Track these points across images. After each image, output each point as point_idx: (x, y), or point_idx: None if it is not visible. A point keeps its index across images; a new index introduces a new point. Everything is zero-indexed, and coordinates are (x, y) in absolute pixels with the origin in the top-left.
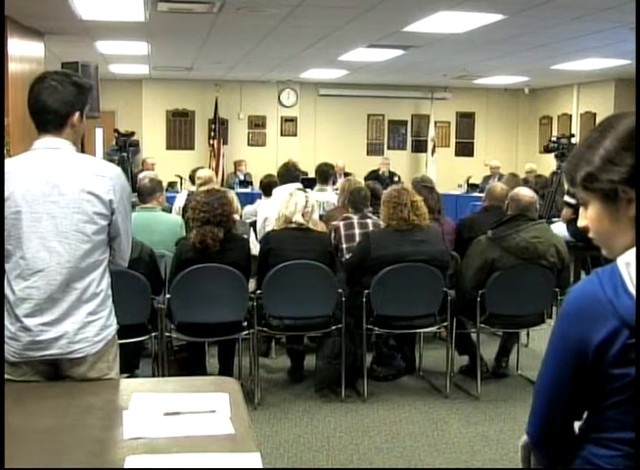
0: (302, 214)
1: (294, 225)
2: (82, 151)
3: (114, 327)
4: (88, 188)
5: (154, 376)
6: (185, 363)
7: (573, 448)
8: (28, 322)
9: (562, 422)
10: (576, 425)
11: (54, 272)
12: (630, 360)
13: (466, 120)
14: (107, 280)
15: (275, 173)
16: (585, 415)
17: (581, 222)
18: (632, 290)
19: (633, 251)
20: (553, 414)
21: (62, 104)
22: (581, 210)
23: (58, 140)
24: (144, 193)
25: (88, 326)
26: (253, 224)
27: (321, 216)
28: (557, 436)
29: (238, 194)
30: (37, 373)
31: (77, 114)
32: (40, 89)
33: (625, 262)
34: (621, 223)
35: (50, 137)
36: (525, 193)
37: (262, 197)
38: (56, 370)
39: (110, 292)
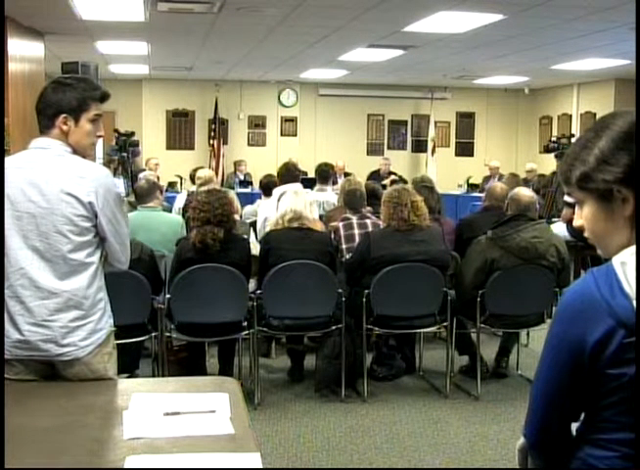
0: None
1: (294, 225)
2: None
3: (105, 330)
4: (67, 189)
5: (154, 376)
6: (185, 363)
7: (571, 450)
8: (18, 320)
9: (559, 424)
10: (574, 426)
11: (36, 271)
12: (626, 360)
13: (466, 120)
14: (98, 284)
15: (275, 173)
16: (582, 416)
17: (577, 222)
18: (628, 289)
19: (629, 250)
20: (550, 416)
21: (46, 106)
22: (577, 209)
23: (48, 140)
24: (141, 195)
25: (76, 330)
26: (253, 224)
27: (321, 217)
28: (554, 437)
29: (238, 194)
30: (32, 372)
31: (62, 116)
32: (41, 92)
33: (621, 262)
34: (617, 223)
35: (42, 137)
36: (525, 193)
37: (262, 197)
38: (52, 369)
39: (101, 295)
